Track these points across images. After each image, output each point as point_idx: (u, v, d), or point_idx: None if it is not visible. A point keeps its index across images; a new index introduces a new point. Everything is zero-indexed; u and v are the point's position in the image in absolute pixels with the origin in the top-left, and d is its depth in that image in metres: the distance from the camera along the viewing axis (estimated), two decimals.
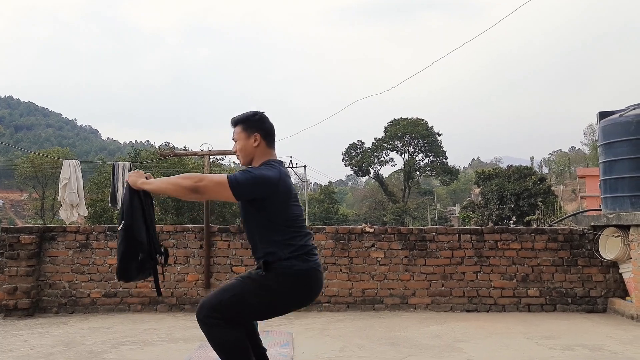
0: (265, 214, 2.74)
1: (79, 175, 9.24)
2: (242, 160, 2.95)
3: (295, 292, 2.75)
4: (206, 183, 2.70)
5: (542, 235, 6.13)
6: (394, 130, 57.09)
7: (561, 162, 76.02)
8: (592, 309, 5.94)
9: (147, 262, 2.86)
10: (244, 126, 2.92)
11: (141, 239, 2.84)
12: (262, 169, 2.77)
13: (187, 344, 4.39)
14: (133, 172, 2.95)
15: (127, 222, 2.82)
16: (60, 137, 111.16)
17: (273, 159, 2.90)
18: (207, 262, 6.04)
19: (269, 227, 2.75)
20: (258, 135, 2.89)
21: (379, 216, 54.98)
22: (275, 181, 2.73)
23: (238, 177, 2.69)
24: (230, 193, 2.67)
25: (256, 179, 2.69)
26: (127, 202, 2.85)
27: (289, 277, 2.70)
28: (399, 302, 6.02)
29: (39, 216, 47.27)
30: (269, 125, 2.96)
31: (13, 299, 5.75)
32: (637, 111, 5.86)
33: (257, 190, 2.70)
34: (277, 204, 2.74)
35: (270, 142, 2.94)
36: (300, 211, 2.90)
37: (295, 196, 2.87)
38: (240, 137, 2.92)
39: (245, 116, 2.96)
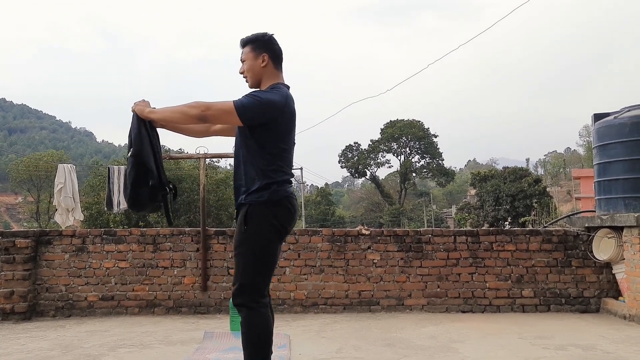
0: (259, 138, 2.77)
1: (74, 180, 9.23)
2: (250, 81, 2.95)
3: (277, 220, 2.79)
4: (213, 111, 2.72)
5: (537, 236, 6.18)
6: (390, 131, 57.22)
7: (556, 163, 76.25)
8: (585, 309, 5.99)
9: (158, 189, 2.85)
10: (252, 46, 2.91)
11: (150, 166, 2.83)
12: (268, 93, 2.78)
13: (185, 347, 4.41)
14: (139, 101, 2.94)
15: (136, 149, 2.80)
16: (54, 140, 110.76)
17: (281, 82, 2.91)
18: (204, 265, 6.07)
19: (257, 151, 2.78)
20: (266, 55, 2.89)
21: (376, 218, 55.08)
22: (282, 105, 2.75)
23: (244, 102, 2.70)
24: (237, 119, 2.70)
25: (263, 103, 2.71)
26: (134, 130, 2.83)
27: (266, 210, 2.76)
28: (395, 303, 6.05)
29: (35, 219, 47.11)
30: (277, 47, 2.96)
31: (10, 303, 5.76)
32: (631, 113, 5.91)
33: (264, 114, 2.72)
34: (276, 130, 2.77)
35: (278, 64, 2.94)
36: (293, 144, 2.93)
37: (294, 124, 2.89)
38: (248, 57, 2.91)
39: (254, 36, 2.95)
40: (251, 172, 2.80)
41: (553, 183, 59.95)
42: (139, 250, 6.11)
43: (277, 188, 2.79)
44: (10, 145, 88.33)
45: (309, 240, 6.16)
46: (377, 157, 58.73)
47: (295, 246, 6.13)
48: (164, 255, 6.11)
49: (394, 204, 56.23)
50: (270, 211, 2.78)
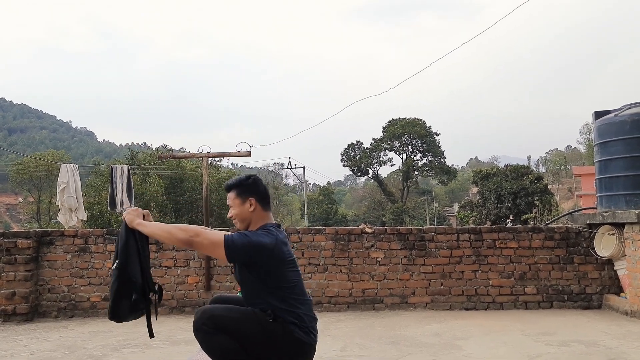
0: (259, 277, 2.75)
1: (77, 179, 9.24)
2: (239, 226, 2.95)
3: (291, 356, 2.76)
4: (201, 240, 2.69)
5: (539, 233, 6.18)
6: (392, 130, 57.16)
7: (557, 161, 76.12)
8: (587, 305, 5.99)
9: (141, 302, 2.84)
10: (237, 191, 2.91)
11: (135, 278, 2.82)
12: (260, 235, 2.76)
13: (189, 346, 4.42)
14: (131, 209, 2.94)
15: (122, 261, 2.81)
16: (55, 140, 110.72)
17: (270, 223, 2.90)
18: (207, 264, 6.07)
19: (264, 289, 2.75)
20: (253, 199, 2.89)
21: (378, 216, 55.04)
22: (270, 248, 2.73)
23: (235, 239, 2.68)
24: (224, 254, 2.67)
25: (251, 244, 2.69)
26: (122, 240, 2.85)
27: (291, 340, 2.71)
28: (399, 301, 6.06)
29: (35, 220, 47.09)
30: (263, 188, 2.96)
31: (12, 304, 5.77)
32: (632, 111, 5.91)
33: (251, 256, 2.70)
34: (270, 271, 2.74)
35: (265, 205, 2.94)
36: (299, 277, 2.88)
37: (292, 262, 2.86)
38: (235, 203, 2.91)
39: (238, 181, 2.95)
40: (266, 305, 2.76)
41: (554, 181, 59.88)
42: None
43: (308, 330, 2.78)
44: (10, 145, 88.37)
45: (312, 239, 6.17)
46: (379, 155, 58.67)
47: (299, 245, 6.13)
48: (167, 255, 6.12)
49: (396, 202, 56.19)
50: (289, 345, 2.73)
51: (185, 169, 29.46)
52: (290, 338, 2.71)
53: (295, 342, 2.73)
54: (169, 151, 11.71)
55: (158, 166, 28.87)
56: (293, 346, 2.73)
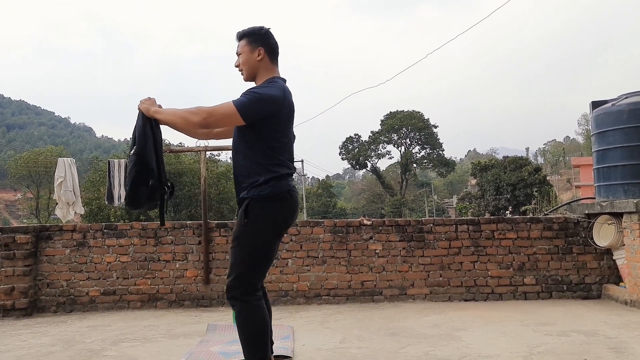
0: (258, 132, 2.77)
1: (75, 173, 9.22)
2: (245, 75, 2.95)
3: (279, 215, 2.81)
4: (216, 117, 2.73)
5: (538, 224, 6.18)
6: (391, 123, 57.16)
7: (556, 152, 76.20)
8: (587, 295, 6.00)
9: (157, 189, 2.87)
10: (248, 39, 2.91)
11: (152, 165, 2.84)
12: (266, 88, 2.79)
13: (188, 340, 4.42)
14: (145, 98, 2.94)
15: (139, 147, 2.82)
16: (53, 136, 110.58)
17: (277, 77, 2.91)
18: (206, 258, 6.07)
19: (257, 146, 2.78)
20: (262, 49, 2.89)
21: (377, 209, 55.11)
22: (280, 100, 2.77)
23: (244, 101, 2.70)
24: (240, 119, 2.71)
25: (263, 99, 2.72)
26: (139, 128, 2.85)
27: (268, 205, 2.76)
28: (398, 293, 6.06)
29: (34, 216, 47.09)
30: (273, 41, 2.95)
31: (10, 299, 5.76)
32: (629, 100, 5.90)
33: (264, 110, 2.73)
34: (275, 124, 2.77)
35: (274, 58, 2.94)
36: (292, 137, 2.93)
37: (293, 117, 2.90)
38: (244, 51, 2.91)
39: (251, 30, 2.94)
40: (252, 167, 2.80)
41: (553, 172, 59.97)
42: (141, 244, 6.11)
43: (278, 182, 2.79)
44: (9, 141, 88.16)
45: (311, 232, 6.16)
46: (377, 148, 58.70)
47: (297, 237, 6.12)
48: (166, 249, 6.12)
49: (395, 195, 56.25)
50: (272, 206, 2.78)
51: (183, 164, 29.44)
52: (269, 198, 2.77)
53: (274, 198, 2.78)
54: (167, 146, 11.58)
55: None
56: (276, 204, 2.80)
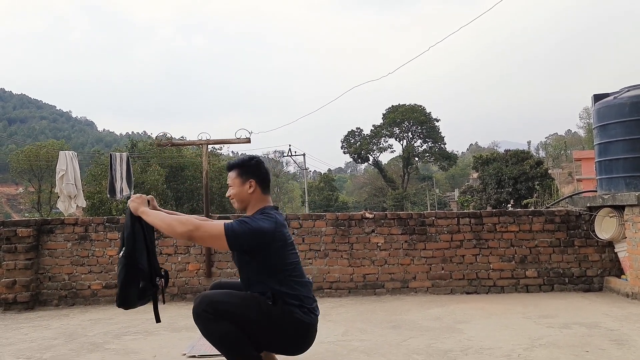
0: (259, 261, 2.74)
1: (76, 166, 9.20)
2: (237, 206, 2.93)
3: (292, 337, 2.77)
4: (201, 234, 2.68)
5: (540, 217, 6.17)
6: (392, 117, 57.02)
7: (557, 145, 75.98)
8: (588, 288, 5.99)
9: (148, 289, 2.87)
10: (239, 171, 2.89)
11: (142, 265, 2.84)
12: (259, 220, 2.74)
13: (190, 333, 4.43)
14: (135, 196, 2.93)
15: (128, 249, 2.82)
16: (55, 130, 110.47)
17: (269, 206, 2.88)
18: (208, 251, 6.07)
19: (264, 273, 2.75)
20: (253, 181, 2.86)
21: (379, 203, 55.08)
22: (271, 233, 2.72)
23: (235, 228, 2.66)
24: (225, 243, 2.66)
25: (253, 231, 2.67)
26: (128, 228, 2.86)
27: (291, 321, 2.71)
28: (400, 286, 6.06)
29: (36, 210, 47.14)
30: (264, 171, 2.94)
31: (12, 293, 5.77)
32: (630, 93, 5.88)
33: (253, 242, 2.68)
34: (271, 254, 2.73)
35: (265, 188, 2.91)
36: (298, 259, 2.89)
37: (291, 244, 2.86)
38: (235, 183, 2.89)
39: (240, 161, 2.93)
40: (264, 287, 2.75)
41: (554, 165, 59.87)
42: None
43: (308, 312, 2.78)
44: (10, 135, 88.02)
45: (313, 225, 6.16)
46: (379, 142, 58.56)
47: (299, 231, 6.12)
48: (168, 242, 6.12)
49: (397, 188, 56.17)
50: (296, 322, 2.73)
51: (185, 158, 29.46)
52: (290, 319, 2.71)
53: (296, 322, 2.72)
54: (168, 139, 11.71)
55: (158, 155, 28.85)
56: (294, 327, 2.73)
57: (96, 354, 3.84)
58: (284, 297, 2.72)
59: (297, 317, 2.72)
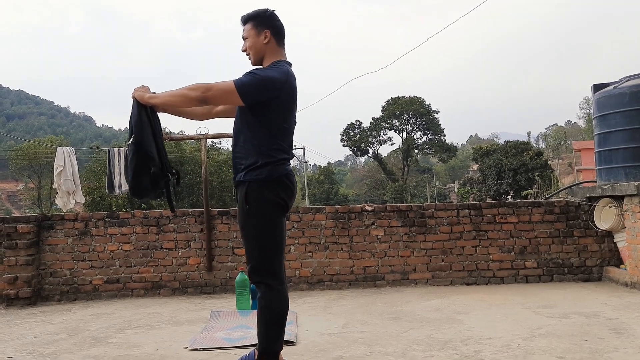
0: (260, 115, 2.76)
1: (74, 162, 9.18)
2: (253, 59, 2.93)
3: (278, 197, 2.80)
4: (214, 92, 2.71)
5: (539, 208, 6.18)
6: (392, 109, 57.01)
7: (557, 136, 75.97)
8: (587, 278, 6.02)
9: (160, 176, 2.85)
10: (254, 22, 2.89)
11: (152, 153, 2.82)
12: (268, 70, 2.77)
13: (192, 326, 4.45)
14: (138, 87, 2.91)
15: (137, 136, 2.80)
16: (53, 126, 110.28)
17: (283, 59, 2.89)
18: (209, 245, 6.09)
19: (257, 129, 2.77)
20: (268, 32, 2.86)
21: (379, 195, 55.16)
22: (282, 83, 2.74)
23: (245, 80, 2.69)
24: (238, 98, 2.69)
25: (263, 81, 2.70)
26: (135, 116, 2.82)
27: (266, 188, 2.76)
28: (400, 278, 6.09)
29: (36, 206, 47.18)
30: (279, 23, 2.93)
31: (14, 289, 5.79)
32: (630, 83, 5.87)
33: (264, 92, 2.71)
34: (277, 108, 2.76)
35: (280, 40, 2.92)
36: (294, 123, 2.91)
37: (295, 102, 2.87)
38: (250, 34, 2.89)
39: (255, 13, 2.92)
40: (251, 150, 2.79)
41: (554, 156, 59.92)
42: (143, 232, 6.13)
43: (275, 166, 2.78)
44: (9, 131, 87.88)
45: (312, 218, 6.17)
46: (379, 134, 58.60)
47: (299, 224, 6.14)
48: (168, 237, 6.14)
49: (397, 181, 56.24)
50: (270, 188, 2.78)
51: (185, 152, 29.43)
52: (267, 181, 2.77)
53: (273, 181, 2.78)
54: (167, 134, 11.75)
55: None
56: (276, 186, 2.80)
57: (99, 348, 3.86)
58: (261, 157, 2.75)
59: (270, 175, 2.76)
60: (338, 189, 59.64)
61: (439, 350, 3.47)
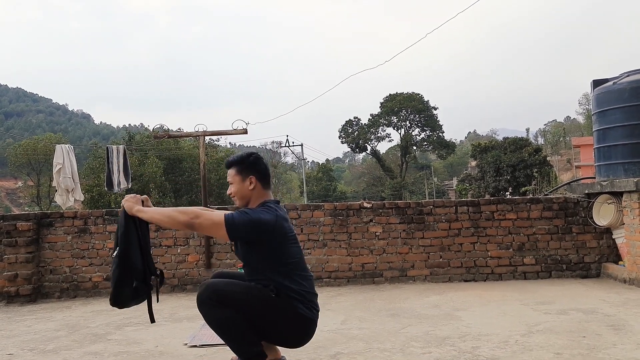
0: (261, 254, 2.76)
1: (73, 160, 9.19)
2: (238, 203, 2.95)
3: (293, 330, 2.81)
4: (202, 221, 2.69)
5: (538, 204, 6.19)
6: (390, 105, 56.89)
7: (556, 132, 75.90)
8: (586, 274, 6.04)
9: (142, 289, 2.86)
10: (238, 169, 2.91)
11: (136, 265, 2.84)
12: (259, 212, 2.76)
13: (191, 323, 4.47)
14: (129, 196, 2.92)
15: (122, 249, 2.82)
16: (52, 123, 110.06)
17: (270, 200, 2.89)
18: (207, 242, 6.10)
19: (267, 266, 2.77)
20: (254, 177, 2.88)
21: (377, 192, 55.09)
22: (272, 225, 2.73)
23: (235, 217, 2.68)
24: (225, 233, 2.68)
25: (252, 222, 2.69)
26: (122, 227, 2.84)
27: (294, 314, 2.74)
28: (398, 274, 6.10)
29: (36, 203, 47.16)
30: (263, 166, 2.95)
31: (14, 286, 5.81)
32: (630, 78, 5.85)
33: (253, 233, 2.70)
34: (272, 247, 2.75)
35: (265, 183, 2.93)
36: (300, 253, 2.90)
37: (293, 238, 2.86)
38: (235, 180, 2.90)
39: (239, 158, 2.94)
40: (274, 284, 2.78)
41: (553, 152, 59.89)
42: None
43: (310, 306, 2.82)
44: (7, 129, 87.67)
45: (311, 215, 6.18)
46: (377, 131, 58.47)
47: (297, 221, 6.15)
48: (167, 234, 6.14)
49: (395, 177, 56.19)
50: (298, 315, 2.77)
51: (183, 149, 29.41)
52: (293, 313, 2.74)
53: (298, 317, 2.76)
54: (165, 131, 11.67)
55: (156, 147, 28.80)
56: (296, 321, 2.77)
57: (99, 345, 3.88)
58: (287, 290, 2.74)
59: (299, 311, 2.75)
60: (336, 186, 59.57)
61: (437, 347, 3.49)
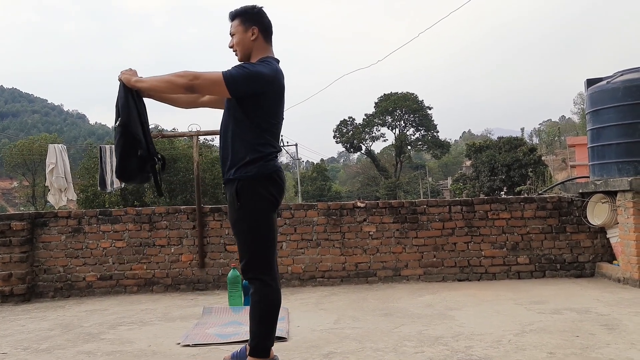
0: (248, 111, 2.75)
1: (66, 159, 9.16)
2: (239, 55, 2.92)
3: (269, 194, 2.81)
4: (201, 81, 2.69)
5: (531, 204, 6.20)
6: (384, 105, 56.98)
7: (551, 132, 76.19)
8: (580, 274, 6.05)
9: (147, 159, 2.84)
10: (241, 19, 2.89)
11: (138, 136, 2.81)
12: (258, 65, 2.76)
13: (184, 322, 4.45)
14: (126, 69, 2.90)
15: (124, 118, 2.79)
16: (47, 124, 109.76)
17: (270, 56, 2.89)
18: (201, 242, 6.08)
19: (245, 124, 2.77)
20: (256, 29, 2.87)
21: (372, 192, 55.16)
22: (271, 78, 2.74)
23: (233, 73, 2.68)
24: (225, 89, 2.68)
25: (252, 75, 2.69)
26: (121, 99, 2.81)
27: (257, 185, 2.77)
28: (392, 274, 6.10)
29: (31, 203, 47.05)
30: (267, 20, 2.93)
31: (8, 285, 5.78)
32: (624, 77, 5.87)
33: (252, 86, 2.70)
34: (264, 104, 2.76)
35: (267, 37, 2.92)
36: (281, 119, 2.91)
37: (283, 99, 2.88)
38: (238, 31, 2.88)
39: (243, 9, 2.91)
40: (239, 146, 2.80)
41: (548, 152, 60.16)
42: (135, 229, 6.12)
43: (265, 162, 2.79)
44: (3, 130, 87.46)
45: (304, 215, 6.18)
46: (372, 131, 58.57)
47: (291, 221, 6.14)
48: (161, 234, 6.13)
49: (390, 177, 56.27)
50: (261, 185, 2.79)
51: (177, 149, 29.30)
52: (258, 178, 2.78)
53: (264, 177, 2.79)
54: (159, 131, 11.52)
55: None
56: (266, 182, 2.81)
57: (92, 344, 3.86)
58: (250, 153, 2.76)
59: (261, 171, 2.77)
60: (331, 185, 59.60)
61: (430, 346, 3.49)
